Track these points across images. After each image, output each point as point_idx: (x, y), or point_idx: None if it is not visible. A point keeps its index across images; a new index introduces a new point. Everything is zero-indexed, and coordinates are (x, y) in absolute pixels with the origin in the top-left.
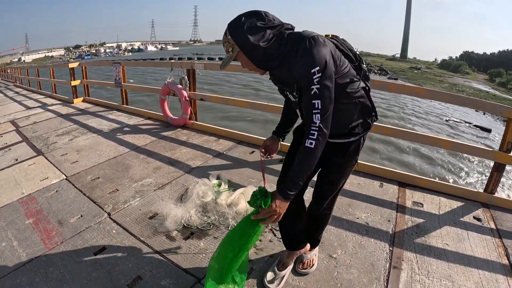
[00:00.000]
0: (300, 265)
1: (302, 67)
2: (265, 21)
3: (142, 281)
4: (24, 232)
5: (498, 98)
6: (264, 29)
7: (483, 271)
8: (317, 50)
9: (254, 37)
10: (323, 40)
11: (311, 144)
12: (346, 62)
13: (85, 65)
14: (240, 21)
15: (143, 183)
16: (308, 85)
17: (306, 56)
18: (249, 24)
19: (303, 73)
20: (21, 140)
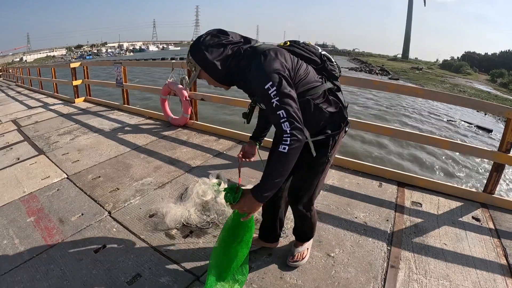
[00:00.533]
0: (290, 258)
1: (257, 84)
2: (222, 40)
3: (141, 278)
4: (25, 230)
5: (499, 99)
6: (222, 46)
7: (481, 271)
8: (267, 65)
9: (212, 55)
10: (275, 53)
11: (284, 149)
12: (304, 68)
13: (86, 65)
14: (199, 41)
15: (144, 182)
16: (267, 100)
17: (258, 73)
18: (207, 43)
19: (259, 90)
20: (23, 139)
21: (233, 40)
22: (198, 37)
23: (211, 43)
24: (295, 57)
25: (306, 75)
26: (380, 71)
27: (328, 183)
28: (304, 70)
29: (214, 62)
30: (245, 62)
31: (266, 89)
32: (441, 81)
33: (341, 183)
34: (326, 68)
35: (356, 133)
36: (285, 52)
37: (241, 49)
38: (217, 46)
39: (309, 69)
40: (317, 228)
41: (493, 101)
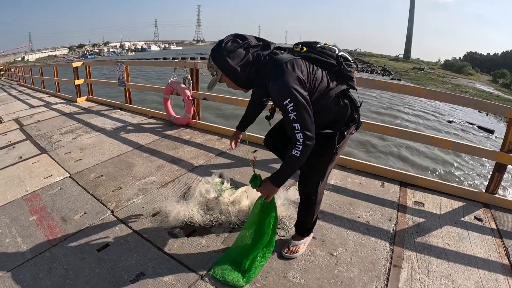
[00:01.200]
0: (285, 249)
1: (277, 98)
2: (243, 46)
3: (144, 277)
4: (28, 228)
5: (501, 99)
6: (243, 51)
7: (483, 270)
8: (285, 81)
9: (234, 61)
10: (292, 67)
11: (296, 154)
12: (319, 76)
13: (88, 64)
14: (220, 47)
15: (146, 181)
16: (286, 113)
17: (277, 88)
18: (229, 49)
19: (278, 103)
20: (25, 138)
21: (252, 43)
22: (219, 42)
23: (232, 48)
24: (311, 64)
25: (321, 82)
26: (381, 71)
27: (330, 182)
28: (320, 77)
29: (235, 68)
30: (264, 72)
31: (285, 104)
32: (443, 81)
33: (343, 183)
34: (341, 70)
35: (357, 133)
36: (301, 62)
37: (261, 56)
38: (238, 51)
39: (324, 75)
40: (320, 227)
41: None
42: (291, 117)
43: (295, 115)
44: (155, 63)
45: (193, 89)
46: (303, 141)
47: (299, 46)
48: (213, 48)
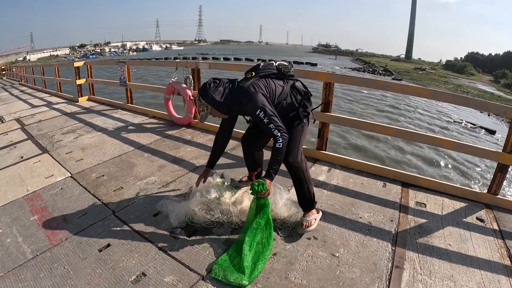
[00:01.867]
0: (300, 227)
1: (252, 112)
2: (220, 84)
3: (146, 277)
4: (29, 228)
5: (503, 100)
6: (221, 89)
7: (485, 271)
8: (253, 99)
9: (217, 96)
10: (253, 88)
11: (279, 145)
12: (272, 85)
13: (90, 64)
14: (207, 89)
15: (148, 181)
16: (260, 120)
17: (250, 105)
18: (213, 89)
19: (253, 115)
20: (26, 138)
21: (225, 81)
22: (204, 85)
23: (214, 88)
24: (264, 80)
25: (275, 88)
26: (383, 71)
27: (332, 183)
28: (274, 86)
29: (220, 101)
30: (238, 97)
31: (257, 114)
32: (444, 81)
33: (345, 183)
34: (283, 73)
35: (359, 132)
36: (258, 81)
37: (230, 87)
38: (219, 89)
39: (275, 83)
40: (321, 228)
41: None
42: (265, 121)
43: (267, 120)
44: (157, 63)
45: (194, 89)
46: (281, 135)
47: (249, 73)
48: (200, 91)
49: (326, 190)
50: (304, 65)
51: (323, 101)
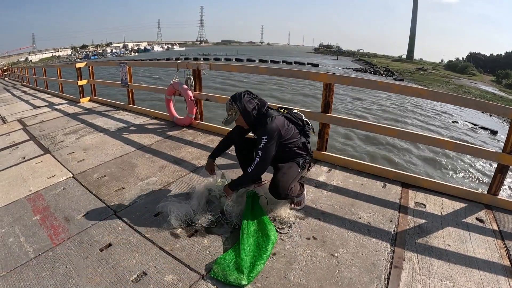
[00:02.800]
0: (291, 205)
1: (261, 134)
2: (254, 98)
3: (146, 276)
4: (31, 228)
5: (504, 100)
6: (254, 103)
7: (484, 272)
8: (270, 128)
9: (248, 106)
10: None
11: (250, 170)
12: (291, 129)
13: (92, 65)
14: (241, 96)
15: (149, 181)
16: (260, 142)
17: (265, 129)
18: (247, 99)
19: (259, 137)
20: (29, 138)
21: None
22: (239, 93)
23: (247, 99)
24: (287, 121)
25: (291, 133)
26: (384, 72)
27: (332, 183)
28: (291, 130)
29: (249, 112)
30: (261, 119)
31: (263, 138)
32: (446, 82)
33: (345, 184)
34: (304, 129)
35: (360, 133)
36: (282, 118)
37: (261, 108)
38: (252, 101)
39: (294, 129)
40: (321, 228)
41: (498, 102)
42: (261, 146)
43: (262, 146)
44: (158, 64)
45: (195, 90)
46: (257, 164)
47: (282, 108)
48: (235, 96)
49: (326, 190)
50: (306, 66)
51: (323, 102)
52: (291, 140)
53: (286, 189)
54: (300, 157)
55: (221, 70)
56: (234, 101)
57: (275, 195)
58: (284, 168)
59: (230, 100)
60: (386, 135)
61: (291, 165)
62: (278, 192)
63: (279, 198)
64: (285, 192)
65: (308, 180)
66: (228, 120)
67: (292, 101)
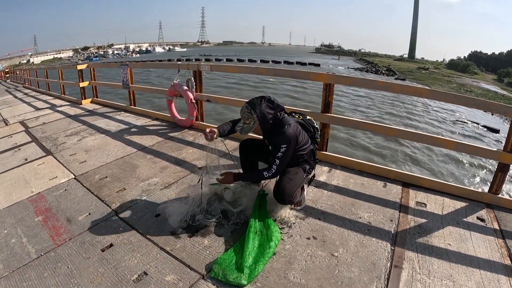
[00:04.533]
0: (291, 206)
1: (279, 141)
2: (273, 105)
3: (147, 276)
4: (33, 229)
5: (506, 99)
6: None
7: (485, 271)
8: (287, 135)
9: (268, 114)
10: (292, 126)
11: (265, 175)
12: (303, 136)
13: (93, 66)
14: (261, 102)
15: (150, 182)
16: (278, 151)
17: (282, 136)
18: (266, 105)
19: (277, 145)
20: (31, 140)
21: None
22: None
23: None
24: (300, 127)
25: (304, 140)
26: (386, 71)
27: (332, 183)
28: (304, 136)
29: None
30: (277, 125)
31: (281, 147)
32: (447, 81)
33: (345, 184)
34: (314, 136)
35: (360, 133)
36: (297, 125)
37: (278, 116)
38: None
39: (306, 135)
40: (321, 228)
41: (500, 101)
42: (279, 155)
43: (281, 155)
44: (159, 65)
45: (196, 91)
46: (274, 172)
47: (297, 114)
48: (253, 103)
49: (327, 190)
50: (307, 66)
51: (323, 102)
52: (303, 147)
53: (291, 196)
54: (307, 163)
55: (222, 71)
56: (253, 109)
57: (280, 201)
58: (290, 174)
59: (248, 107)
60: (387, 135)
61: (297, 171)
62: (283, 198)
63: (283, 203)
64: (290, 199)
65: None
66: (245, 129)
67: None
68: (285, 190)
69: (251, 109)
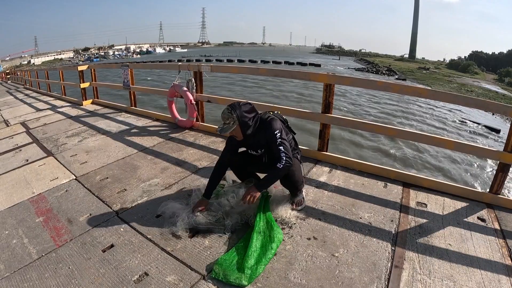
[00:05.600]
0: (292, 206)
1: (270, 132)
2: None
3: (148, 277)
4: (34, 229)
5: (507, 98)
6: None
7: (485, 271)
8: (274, 126)
9: (247, 115)
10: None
11: (280, 166)
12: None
13: (94, 67)
14: (240, 105)
15: (151, 183)
16: (275, 140)
17: (270, 127)
18: (244, 108)
19: (271, 135)
20: (32, 141)
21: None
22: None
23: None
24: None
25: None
26: (387, 71)
27: (333, 184)
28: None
29: (247, 121)
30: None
31: (275, 134)
32: (448, 81)
33: (346, 184)
34: (288, 126)
35: (360, 133)
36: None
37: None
38: (250, 111)
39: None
40: (321, 228)
41: (500, 101)
42: (278, 142)
43: (280, 141)
44: (160, 66)
45: (197, 91)
46: (286, 159)
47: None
48: (233, 105)
49: (327, 191)
50: (308, 66)
51: (324, 103)
52: (287, 137)
53: (301, 181)
54: (296, 152)
55: (222, 72)
56: (233, 110)
57: (293, 189)
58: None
59: (229, 108)
60: (387, 135)
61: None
62: (296, 186)
63: (295, 189)
64: (301, 183)
65: (309, 181)
66: (224, 129)
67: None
68: (295, 173)
69: (231, 110)
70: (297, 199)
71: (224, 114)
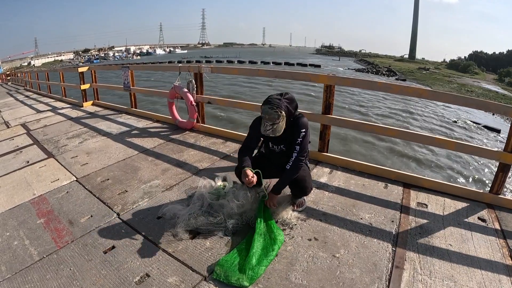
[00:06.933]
0: (294, 207)
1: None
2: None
3: (149, 278)
4: (35, 231)
5: (507, 98)
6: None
7: (486, 271)
8: (305, 121)
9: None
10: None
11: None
12: None
13: (94, 69)
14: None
15: (151, 184)
16: (298, 136)
17: (301, 122)
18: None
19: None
20: (32, 142)
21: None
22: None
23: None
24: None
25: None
26: (387, 72)
27: (334, 184)
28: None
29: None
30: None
31: (301, 131)
32: (448, 81)
33: (347, 185)
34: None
35: (360, 134)
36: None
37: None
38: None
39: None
40: (322, 229)
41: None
42: (299, 141)
43: (301, 140)
44: (160, 68)
45: (197, 93)
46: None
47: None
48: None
49: (328, 191)
50: (308, 67)
51: (324, 104)
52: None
53: (311, 186)
54: (306, 158)
55: (222, 73)
56: (279, 107)
57: (303, 193)
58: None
59: (273, 107)
60: (386, 135)
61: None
62: (306, 192)
63: (303, 195)
64: (311, 186)
65: None
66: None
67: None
68: (305, 184)
69: (276, 109)
70: (298, 200)
71: (270, 115)
